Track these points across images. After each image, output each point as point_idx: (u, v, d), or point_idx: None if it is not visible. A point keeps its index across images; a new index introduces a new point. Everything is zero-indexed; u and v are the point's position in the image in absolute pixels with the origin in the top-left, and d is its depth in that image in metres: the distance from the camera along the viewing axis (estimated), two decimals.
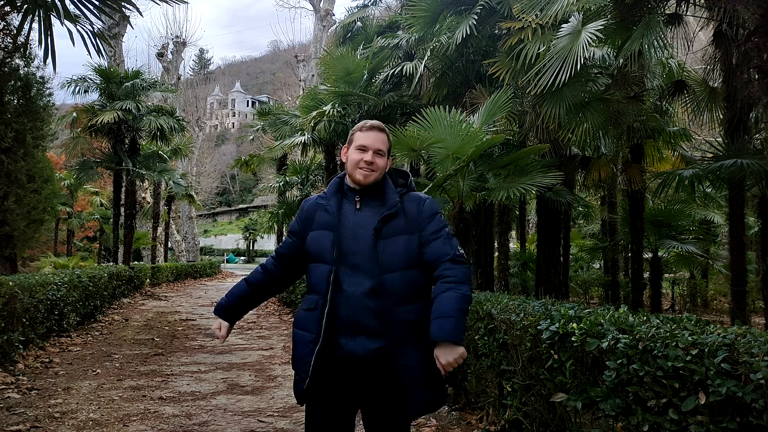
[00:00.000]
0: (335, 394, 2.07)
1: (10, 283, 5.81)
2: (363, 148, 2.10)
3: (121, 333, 8.60)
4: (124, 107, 14.08)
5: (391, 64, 10.44)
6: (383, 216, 2.05)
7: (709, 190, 10.96)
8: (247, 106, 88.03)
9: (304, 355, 2.05)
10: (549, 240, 9.34)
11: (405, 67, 9.29)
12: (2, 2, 6.40)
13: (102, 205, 24.31)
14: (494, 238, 10.69)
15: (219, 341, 2.32)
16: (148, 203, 23.69)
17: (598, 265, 15.74)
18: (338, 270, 2.03)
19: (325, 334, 2.00)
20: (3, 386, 4.99)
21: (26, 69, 9.78)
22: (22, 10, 5.39)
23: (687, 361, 2.12)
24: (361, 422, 2.19)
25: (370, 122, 2.19)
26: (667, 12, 6.88)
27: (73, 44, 5.57)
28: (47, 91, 10.32)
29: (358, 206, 2.11)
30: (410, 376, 1.98)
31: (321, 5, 27.18)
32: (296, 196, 16.78)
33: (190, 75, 59.09)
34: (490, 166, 6.89)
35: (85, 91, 14.58)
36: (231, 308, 2.31)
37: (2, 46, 8.99)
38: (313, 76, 26.78)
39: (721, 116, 7.98)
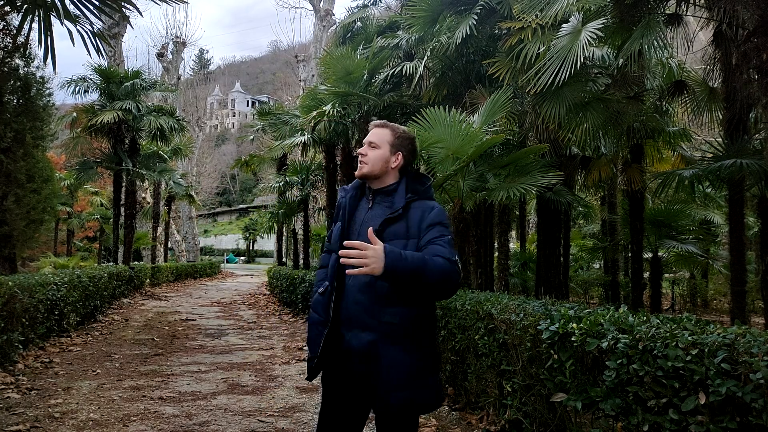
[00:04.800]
0: (343, 386, 2.16)
1: (10, 283, 5.81)
2: (361, 145, 2.25)
3: (121, 333, 8.60)
4: (124, 107, 14.07)
5: (391, 64, 10.42)
6: (385, 218, 2.11)
7: (709, 190, 10.96)
8: (247, 106, 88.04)
9: (314, 336, 2.18)
10: (549, 240, 9.33)
11: (405, 67, 9.28)
12: (2, 2, 6.40)
13: (102, 205, 24.30)
14: (494, 238, 10.68)
15: None
16: (148, 203, 23.68)
17: (598, 265, 15.73)
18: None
19: (334, 320, 2.10)
20: (3, 386, 4.99)
21: (26, 69, 9.79)
22: (22, 10, 5.39)
23: (687, 361, 2.12)
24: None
25: (374, 121, 2.31)
26: (667, 12, 6.87)
27: (73, 44, 5.56)
28: (47, 91, 10.33)
29: (370, 205, 2.20)
30: (389, 376, 2.01)
31: (321, 5, 27.18)
32: (296, 196, 16.76)
33: (190, 75, 59.10)
34: (490, 166, 6.88)
35: (85, 91, 14.58)
36: None
37: (2, 46, 8.98)
38: (313, 76, 26.77)
39: (720, 116, 7.97)
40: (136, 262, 17.80)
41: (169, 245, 29.30)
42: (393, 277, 1.89)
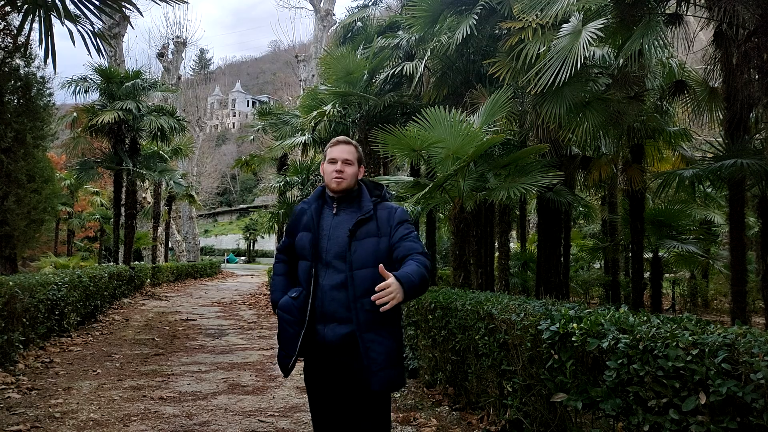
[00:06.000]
0: (324, 378, 2.41)
1: (11, 283, 5.81)
2: (333, 161, 2.44)
3: (122, 333, 8.60)
4: (124, 107, 14.08)
5: (391, 64, 10.42)
6: (358, 220, 2.36)
7: (709, 190, 10.96)
8: (248, 106, 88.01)
9: (290, 336, 2.39)
10: (549, 240, 9.34)
11: (405, 67, 9.28)
12: (2, 2, 6.41)
13: (102, 205, 24.30)
14: (495, 238, 10.68)
15: None
16: (149, 203, 23.68)
17: (598, 265, 15.74)
18: (316, 266, 2.36)
19: (309, 321, 2.34)
20: (3, 386, 5.00)
21: (26, 69, 9.78)
22: (23, 10, 5.39)
23: (687, 361, 2.12)
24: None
25: (337, 138, 2.53)
26: (667, 12, 6.87)
27: (74, 44, 5.56)
28: (47, 91, 10.32)
29: (335, 212, 2.43)
30: (372, 358, 2.26)
31: (321, 5, 27.18)
32: (296, 196, 16.80)
33: (191, 75, 59.12)
34: (491, 166, 6.88)
35: (86, 91, 14.57)
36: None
37: (2, 46, 8.98)
38: (313, 76, 26.77)
39: (721, 116, 7.97)
40: (136, 262, 17.79)
41: (170, 245, 29.29)
42: (411, 295, 2.19)
